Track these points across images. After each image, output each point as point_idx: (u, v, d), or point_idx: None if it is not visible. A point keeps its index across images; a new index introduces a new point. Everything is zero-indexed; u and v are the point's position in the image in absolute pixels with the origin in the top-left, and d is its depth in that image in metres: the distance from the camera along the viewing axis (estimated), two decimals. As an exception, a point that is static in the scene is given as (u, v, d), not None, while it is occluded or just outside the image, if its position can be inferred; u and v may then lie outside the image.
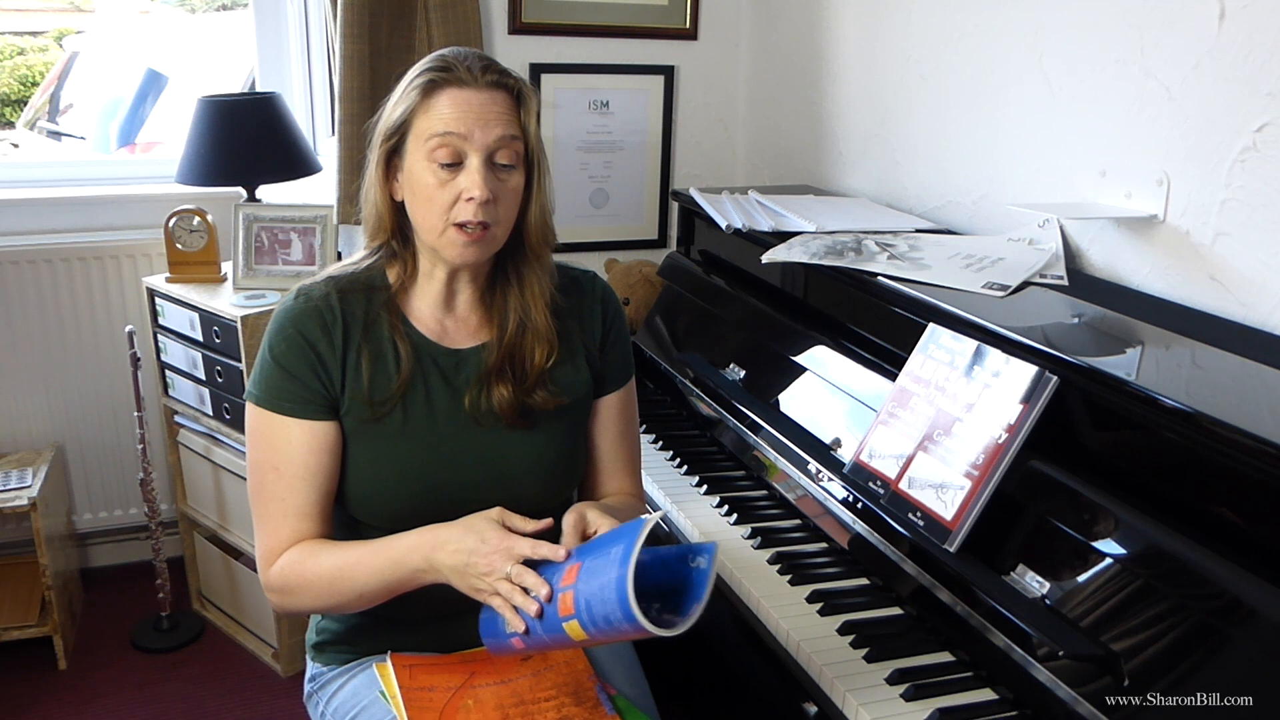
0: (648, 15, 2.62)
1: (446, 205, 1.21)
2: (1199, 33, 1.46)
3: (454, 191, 1.20)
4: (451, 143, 1.19)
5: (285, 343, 1.25)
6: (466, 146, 1.20)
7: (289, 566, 1.25)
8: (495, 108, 1.21)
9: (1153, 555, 1.10)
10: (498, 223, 1.23)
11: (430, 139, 1.20)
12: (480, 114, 1.20)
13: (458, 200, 1.20)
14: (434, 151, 1.20)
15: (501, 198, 1.23)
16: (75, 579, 2.59)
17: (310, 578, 1.24)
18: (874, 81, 2.21)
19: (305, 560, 1.24)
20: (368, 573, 1.22)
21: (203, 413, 2.34)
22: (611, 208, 2.73)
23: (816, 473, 1.55)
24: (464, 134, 1.19)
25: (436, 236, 1.23)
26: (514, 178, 1.24)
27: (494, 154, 1.21)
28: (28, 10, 4.76)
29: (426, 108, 1.21)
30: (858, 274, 1.66)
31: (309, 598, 1.26)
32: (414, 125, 1.22)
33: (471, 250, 1.23)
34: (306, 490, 1.26)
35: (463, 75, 1.21)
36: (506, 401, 1.29)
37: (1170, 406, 1.11)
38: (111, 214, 2.56)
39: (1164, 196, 1.53)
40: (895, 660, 1.26)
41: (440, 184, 1.20)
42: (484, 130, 1.20)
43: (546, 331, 1.31)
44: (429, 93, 1.21)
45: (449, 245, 1.23)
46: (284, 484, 1.25)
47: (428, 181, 1.21)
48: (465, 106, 1.20)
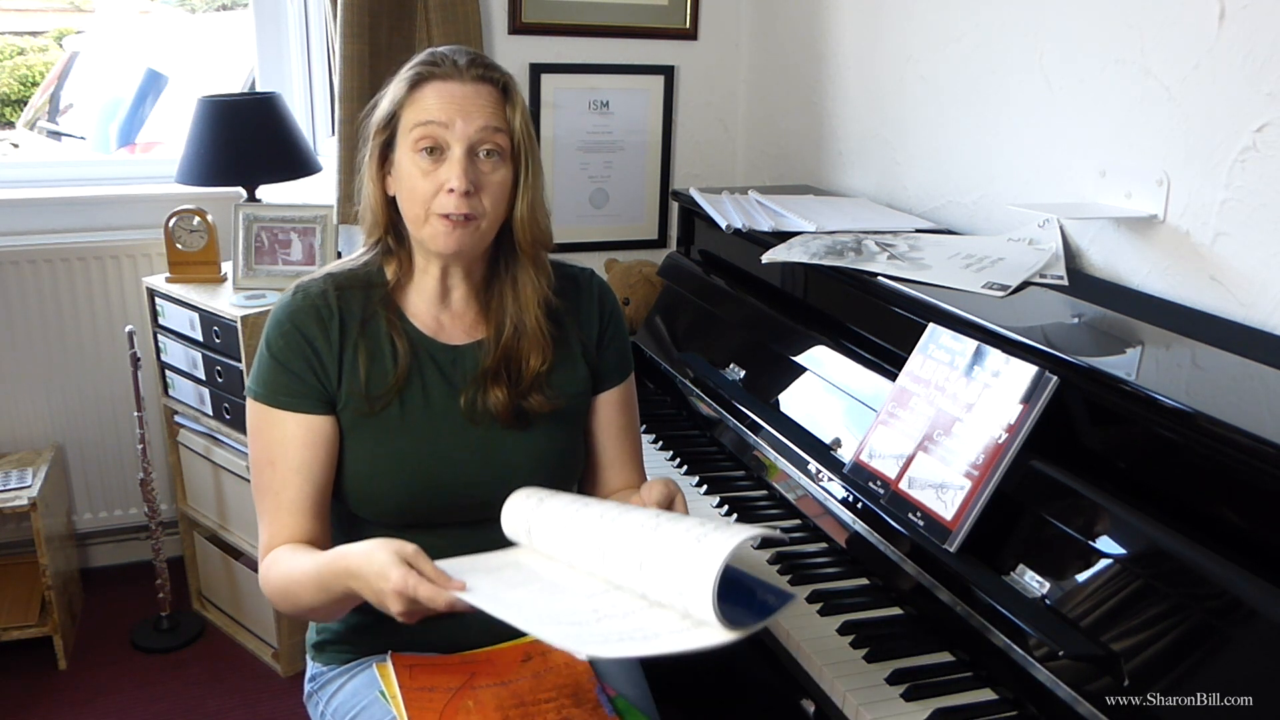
0: (648, 15, 2.62)
1: (429, 195, 1.22)
2: (1199, 33, 1.46)
3: (436, 182, 1.22)
4: (433, 131, 1.21)
5: (282, 338, 1.27)
6: (448, 136, 1.21)
7: (265, 571, 1.27)
8: (479, 100, 1.23)
9: (1153, 555, 1.10)
10: (483, 215, 1.24)
11: (414, 129, 1.22)
12: (463, 105, 1.22)
13: (440, 190, 1.22)
14: (417, 141, 1.22)
15: (486, 189, 1.23)
16: (75, 579, 2.59)
17: (275, 587, 1.25)
18: (874, 81, 2.21)
19: (272, 569, 1.26)
20: (309, 590, 1.21)
21: (203, 413, 2.34)
22: (611, 208, 2.73)
23: (816, 473, 1.55)
24: (445, 122, 1.21)
25: (421, 226, 1.24)
26: (499, 171, 1.25)
27: (476, 146, 1.22)
28: (28, 10, 4.76)
29: (413, 100, 1.23)
30: (858, 274, 1.66)
31: (283, 606, 1.28)
32: (401, 118, 1.24)
33: (454, 238, 1.23)
34: (300, 484, 1.27)
35: (448, 69, 1.23)
36: (502, 404, 1.29)
37: (1170, 406, 1.11)
38: (111, 214, 2.56)
39: (1164, 196, 1.53)
40: (895, 660, 1.26)
41: (423, 174, 1.22)
42: (466, 120, 1.21)
43: (540, 337, 1.31)
44: (415, 85, 1.24)
45: (432, 235, 1.24)
46: (279, 478, 1.27)
47: (411, 172, 1.23)
48: (449, 98, 1.22)
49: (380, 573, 1.08)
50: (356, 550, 1.13)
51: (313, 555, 1.22)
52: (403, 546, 1.10)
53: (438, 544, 1.31)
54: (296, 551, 1.25)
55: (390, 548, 1.10)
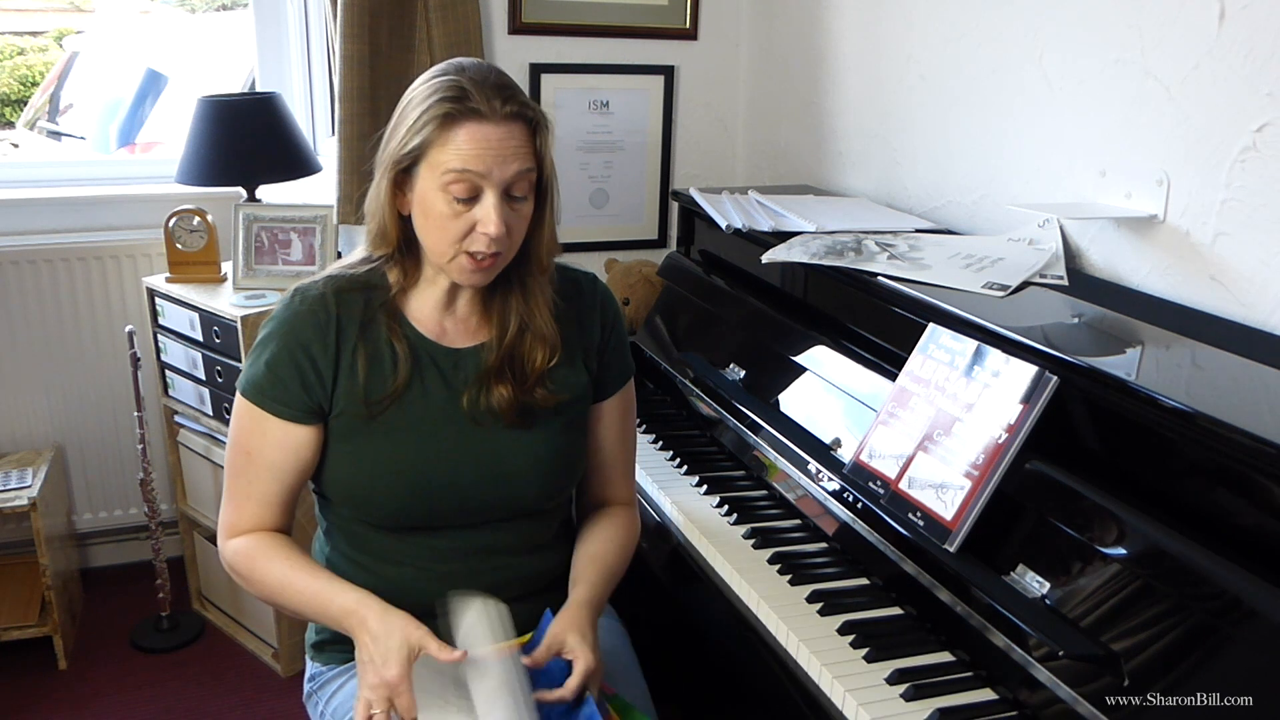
0: (648, 15, 2.62)
1: (459, 235, 1.21)
2: (1199, 33, 1.46)
3: (468, 223, 1.20)
4: (469, 179, 1.18)
5: (277, 346, 1.26)
6: (484, 184, 1.19)
7: (244, 554, 1.30)
8: (513, 142, 1.20)
9: (1153, 555, 1.09)
10: (508, 249, 1.25)
11: (447, 173, 1.18)
12: (499, 151, 1.18)
13: (471, 230, 1.20)
14: (450, 185, 1.19)
15: (514, 227, 1.23)
16: (75, 579, 2.59)
17: (258, 578, 1.29)
18: (874, 81, 2.21)
19: (258, 557, 1.29)
20: (304, 603, 1.27)
21: (203, 413, 2.34)
22: (611, 208, 2.73)
23: (816, 473, 1.55)
24: (482, 173, 1.18)
25: (446, 261, 1.24)
26: (526, 206, 1.24)
27: (510, 189, 1.21)
28: (28, 10, 4.76)
29: (444, 140, 1.18)
30: (858, 274, 1.66)
31: (255, 591, 1.32)
32: (429, 155, 1.20)
33: (479, 276, 1.25)
34: (270, 481, 1.29)
35: (481, 107, 1.18)
36: (506, 400, 1.29)
37: (1170, 406, 1.11)
38: (111, 214, 2.56)
39: (1164, 196, 1.53)
40: (895, 660, 1.26)
41: (454, 215, 1.20)
42: (501, 168, 1.19)
43: (550, 334, 1.31)
44: (446, 125, 1.18)
45: (458, 270, 1.24)
46: (253, 469, 1.29)
47: (442, 211, 1.20)
48: (485, 144, 1.18)
49: (385, 657, 1.17)
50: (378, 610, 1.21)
51: (318, 576, 1.27)
52: (414, 632, 1.18)
53: (438, 545, 1.32)
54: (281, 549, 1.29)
55: (404, 632, 1.18)
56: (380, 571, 1.32)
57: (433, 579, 1.31)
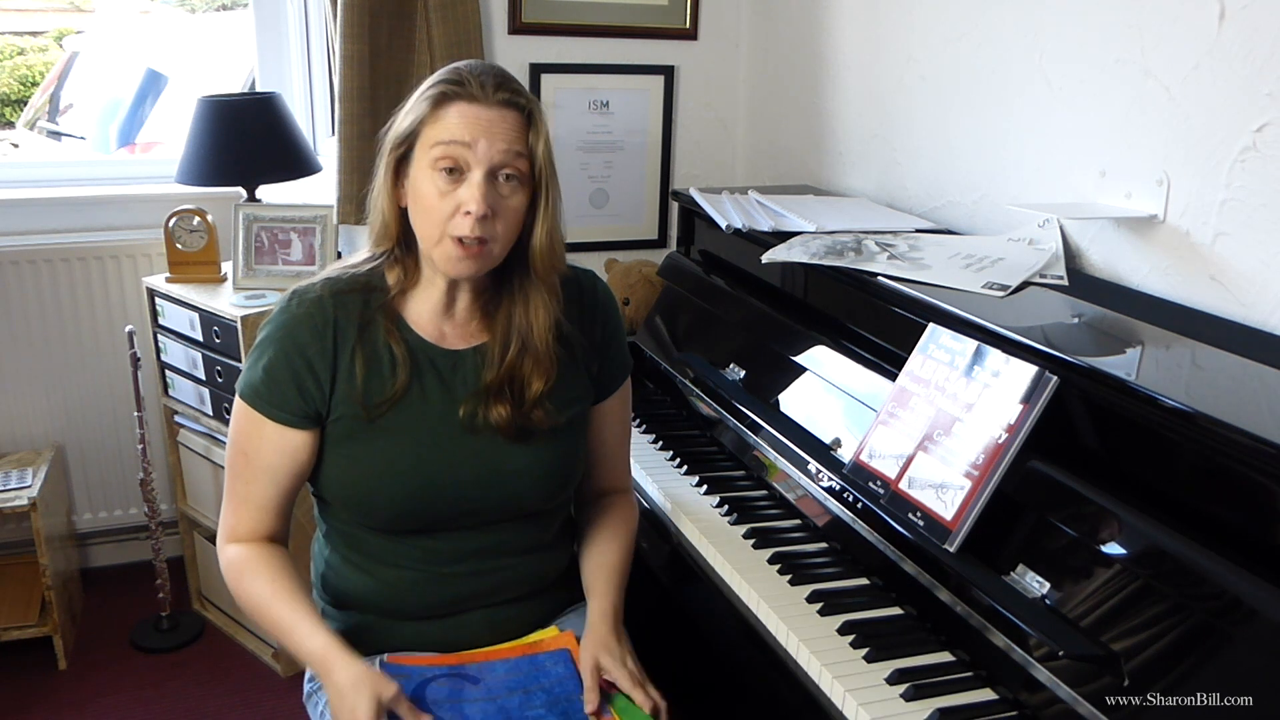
0: (648, 15, 2.62)
1: (445, 216, 1.20)
2: (1199, 33, 1.46)
3: (453, 203, 1.20)
4: (454, 151, 1.19)
5: (274, 351, 1.26)
6: (469, 157, 1.19)
7: (234, 566, 1.30)
8: (504, 124, 1.20)
9: (1153, 555, 1.09)
10: (495, 239, 1.23)
11: (435, 147, 1.20)
12: (487, 128, 1.19)
13: (456, 212, 1.20)
14: (437, 160, 1.19)
15: (501, 214, 1.22)
16: (75, 579, 2.59)
17: (243, 593, 1.30)
18: (874, 81, 2.21)
19: (245, 573, 1.29)
20: (279, 633, 1.27)
21: (203, 413, 2.34)
22: (611, 208, 2.73)
23: (816, 473, 1.54)
24: (468, 142, 1.19)
25: (433, 246, 1.23)
26: (516, 196, 1.23)
27: (497, 169, 1.21)
28: (28, 10, 4.76)
29: (435, 118, 1.21)
30: (858, 274, 1.66)
31: (240, 605, 1.32)
32: (422, 134, 1.22)
33: (465, 265, 1.23)
34: (266, 484, 1.29)
35: (474, 90, 1.20)
36: (504, 419, 1.29)
37: (1170, 406, 1.11)
38: (111, 214, 2.56)
39: (1164, 196, 1.53)
40: (895, 660, 1.26)
41: (440, 194, 1.20)
42: (489, 143, 1.19)
43: (546, 358, 1.30)
44: (439, 104, 1.21)
45: (444, 257, 1.23)
46: (250, 471, 1.29)
47: (428, 190, 1.21)
48: (473, 119, 1.19)
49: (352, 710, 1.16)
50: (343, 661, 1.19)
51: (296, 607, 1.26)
52: (387, 689, 1.17)
53: (438, 548, 1.32)
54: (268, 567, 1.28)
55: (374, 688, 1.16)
56: (380, 574, 1.32)
57: (433, 581, 1.31)
